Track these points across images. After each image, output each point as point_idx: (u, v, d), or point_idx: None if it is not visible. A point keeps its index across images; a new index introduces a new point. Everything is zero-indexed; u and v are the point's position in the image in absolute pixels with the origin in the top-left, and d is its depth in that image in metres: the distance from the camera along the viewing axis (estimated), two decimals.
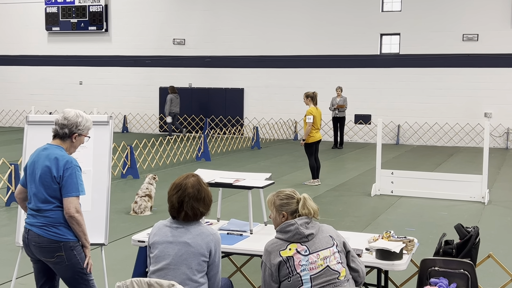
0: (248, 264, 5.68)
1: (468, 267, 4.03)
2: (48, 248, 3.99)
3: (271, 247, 3.77)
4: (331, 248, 3.73)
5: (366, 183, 11.72)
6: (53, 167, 4.00)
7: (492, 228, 8.46)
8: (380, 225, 8.39)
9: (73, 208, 3.98)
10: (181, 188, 3.79)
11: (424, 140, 20.76)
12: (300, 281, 3.64)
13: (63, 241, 4.00)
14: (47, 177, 4.00)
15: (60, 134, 4.15)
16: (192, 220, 3.78)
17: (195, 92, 23.56)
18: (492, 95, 19.89)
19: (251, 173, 5.61)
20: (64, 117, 4.15)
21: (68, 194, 3.98)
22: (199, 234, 3.75)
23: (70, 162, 4.04)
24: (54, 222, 4.00)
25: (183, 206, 3.75)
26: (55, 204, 4.01)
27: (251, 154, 17.31)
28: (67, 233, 4.02)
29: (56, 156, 4.03)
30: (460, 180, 10.59)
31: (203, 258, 3.71)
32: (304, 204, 3.84)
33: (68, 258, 4.01)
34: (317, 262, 3.67)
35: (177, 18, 23.57)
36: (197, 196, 3.77)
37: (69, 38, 25.18)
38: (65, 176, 3.99)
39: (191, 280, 3.67)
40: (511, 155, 17.70)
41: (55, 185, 4.00)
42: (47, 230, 3.99)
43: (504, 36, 19.66)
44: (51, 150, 4.10)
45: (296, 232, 3.71)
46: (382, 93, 21.07)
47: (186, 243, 3.71)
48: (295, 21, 21.97)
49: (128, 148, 12.60)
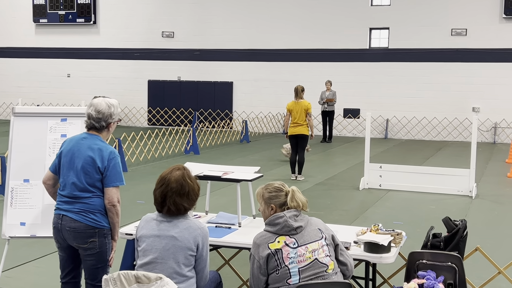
0: (236, 257, 5.67)
1: (455, 260, 4.04)
2: (84, 233, 4.07)
3: (259, 240, 3.76)
4: (320, 241, 3.73)
5: (355, 177, 11.75)
6: (97, 158, 4.08)
7: (480, 221, 8.51)
8: (369, 219, 8.41)
9: (116, 198, 4.12)
10: (164, 183, 3.75)
11: (413, 134, 20.84)
12: (288, 273, 3.64)
13: (98, 228, 4.10)
14: (90, 167, 4.07)
15: (97, 127, 4.20)
16: (176, 214, 3.76)
17: (184, 85, 23.48)
18: (480, 90, 20.00)
19: (240, 167, 5.59)
20: (97, 111, 4.18)
21: (112, 184, 4.09)
22: (187, 228, 3.72)
23: (113, 153, 4.14)
24: (92, 209, 4.09)
25: (166, 201, 3.73)
26: (93, 193, 4.09)
27: (240, 147, 17.29)
28: (103, 220, 4.13)
29: (99, 147, 4.11)
30: (448, 174, 10.64)
31: (190, 252, 3.68)
32: (292, 197, 3.83)
33: (100, 245, 4.12)
34: (305, 254, 3.67)
35: (165, 11, 23.46)
36: (180, 191, 3.71)
37: (57, 30, 24.99)
38: (110, 166, 4.09)
39: (178, 274, 3.65)
40: (498, 150, 17.82)
41: (98, 175, 4.08)
42: (85, 215, 4.07)
43: (492, 31, 19.75)
44: (92, 140, 4.15)
45: (285, 224, 3.70)
46: (371, 87, 21.11)
47: (173, 237, 3.68)
48: (285, 14, 21.93)
49: (116, 141, 12.54)
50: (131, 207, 9.08)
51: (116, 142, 12.47)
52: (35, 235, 5.06)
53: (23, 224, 5.04)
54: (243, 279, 5.46)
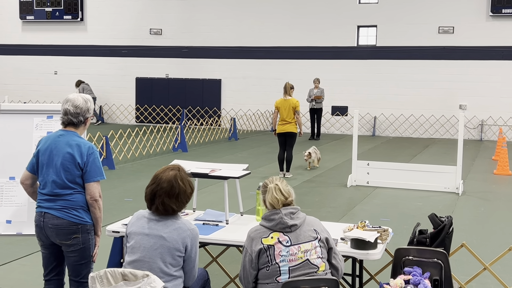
0: (224, 254, 5.67)
1: (441, 256, 4.07)
2: (67, 230, 4.08)
3: (254, 233, 3.76)
4: (313, 242, 3.72)
5: (343, 174, 11.78)
6: (76, 154, 4.08)
7: (466, 218, 8.58)
8: (356, 216, 8.44)
9: (97, 193, 4.14)
10: (156, 181, 3.75)
11: (400, 131, 20.93)
12: (278, 271, 3.64)
13: (81, 224, 4.11)
14: (69, 163, 4.07)
15: (75, 122, 4.20)
16: (165, 215, 3.75)
17: (172, 83, 23.42)
18: (467, 88, 20.12)
19: (228, 164, 5.59)
20: (75, 106, 4.17)
21: (93, 179, 4.11)
22: (176, 229, 3.70)
23: (92, 148, 4.15)
24: (74, 205, 4.10)
25: (155, 200, 3.72)
26: (74, 189, 4.10)
27: (228, 145, 17.28)
28: (86, 216, 4.14)
29: (78, 143, 4.11)
30: (435, 171, 10.71)
31: (178, 253, 3.67)
32: (267, 195, 3.83)
33: (83, 241, 4.13)
34: (297, 254, 3.66)
35: (153, 8, 23.37)
36: (170, 192, 3.70)
37: (44, 27, 24.81)
38: (89, 161, 4.09)
39: (165, 274, 3.64)
40: (485, 147, 17.94)
41: (78, 171, 4.08)
42: (67, 212, 4.08)
43: (479, 29, 19.87)
44: (69, 137, 4.14)
45: (280, 221, 3.70)
46: (359, 85, 21.17)
47: (161, 237, 3.67)
48: (273, 12, 21.93)
49: (103, 138, 12.49)
50: (119, 204, 9.06)
51: (103, 140, 12.42)
52: (21, 233, 5.03)
53: (9, 222, 5.01)
54: (231, 276, 5.46)
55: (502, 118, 19.88)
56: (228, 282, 5.48)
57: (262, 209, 4.94)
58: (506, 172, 12.53)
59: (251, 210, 7.73)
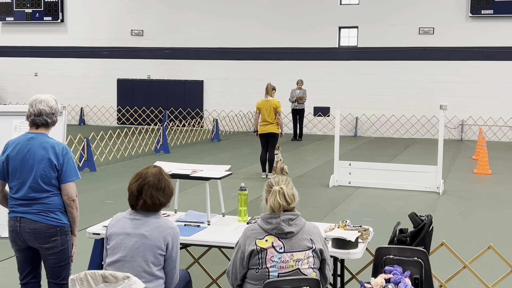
0: (206, 256, 5.65)
1: (421, 255, 4.09)
2: (46, 233, 4.04)
3: (250, 232, 3.70)
4: (307, 252, 3.66)
5: (325, 174, 11.83)
6: (52, 156, 4.03)
7: (446, 217, 8.65)
8: (338, 215, 8.47)
9: (74, 193, 4.11)
10: (141, 177, 3.76)
11: (382, 132, 21.06)
12: (267, 275, 3.61)
13: (60, 226, 4.09)
14: (45, 166, 4.02)
15: (49, 123, 4.16)
16: (151, 209, 3.74)
17: (153, 84, 23.33)
18: (447, 88, 20.32)
19: (210, 165, 5.57)
20: (50, 106, 4.13)
21: (69, 179, 4.08)
22: (157, 227, 3.71)
23: (66, 148, 4.11)
24: (52, 208, 4.06)
25: (142, 194, 3.72)
26: (50, 192, 4.06)
27: (210, 146, 17.25)
28: (63, 218, 4.11)
29: (52, 145, 4.07)
30: (416, 171, 10.79)
31: (160, 251, 3.67)
32: (273, 197, 3.72)
33: (62, 243, 4.11)
34: (289, 262, 3.62)
35: (134, 9, 23.27)
36: (157, 185, 3.73)
37: (24, 29, 24.58)
38: (64, 162, 4.05)
39: (147, 273, 3.63)
40: (465, 147, 18.12)
41: (54, 173, 4.04)
42: (45, 215, 4.04)
43: (459, 30, 20.08)
44: (41, 139, 4.08)
45: (277, 226, 3.64)
46: (341, 85, 21.28)
47: (143, 235, 3.67)
48: (255, 13, 21.95)
49: (84, 140, 12.40)
50: (100, 206, 9.00)
51: (84, 142, 12.33)
52: (0, 236, 4.97)
53: None
54: (213, 277, 5.45)
55: (482, 118, 20.10)
56: (210, 283, 5.46)
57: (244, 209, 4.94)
58: (486, 172, 12.66)
59: (233, 211, 7.72)
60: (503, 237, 7.57)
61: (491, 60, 19.84)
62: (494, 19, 19.75)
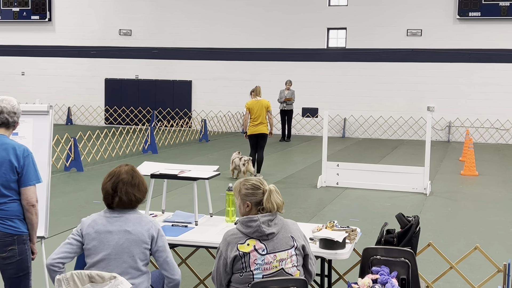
0: (193, 256, 5.64)
1: (408, 255, 4.11)
2: (2, 242, 3.87)
3: (230, 238, 3.66)
4: (290, 251, 3.64)
5: (313, 175, 11.85)
6: (12, 158, 3.87)
7: (433, 218, 8.69)
8: (326, 216, 8.49)
9: (35, 197, 3.93)
10: (114, 175, 3.75)
11: (369, 133, 21.14)
12: (251, 278, 3.59)
13: (17, 234, 3.91)
14: (5, 168, 3.86)
15: (10, 122, 4.01)
16: (128, 206, 3.73)
17: (142, 84, 23.26)
18: (434, 89, 20.43)
19: (198, 166, 5.56)
20: (12, 105, 4.01)
21: (30, 183, 3.91)
22: (139, 222, 3.70)
23: (27, 150, 3.95)
24: (10, 215, 3.89)
25: (117, 192, 3.70)
26: (10, 197, 3.89)
27: (199, 146, 17.22)
28: (21, 226, 3.94)
29: (12, 146, 3.91)
30: (403, 172, 10.84)
31: (145, 245, 3.66)
32: (268, 198, 3.71)
33: (20, 252, 3.93)
34: (272, 263, 3.60)
35: (123, 8, 23.18)
36: (131, 181, 3.72)
37: (11, 28, 24.40)
38: (25, 164, 3.89)
39: (133, 269, 3.62)
40: (452, 148, 18.22)
41: (14, 176, 3.87)
42: (2, 223, 3.87)
43: (447, 31, 20.20)
44: (1, 140, 3.93)
45: (257, 229, 3.60)
46: (329, 86, 21.33)
47: (126, 231, 3.65)
48: (243, 14, 21.95)
49: (71, 140, 12.32)
50: (87, 207, 8.95)
51: (71, 142, 12.26)
52: None
53: None
54: (200, 278, 5.44)
55: (469, 119, 20.23)
56: (197, 283, 5.45)
57: (232, 210, 4.93)
58: (472, 173, 12.74)
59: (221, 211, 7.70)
60: (489, 238, 7.62)
61: (478, 62, 19.97)
62: (481, 21, 19.89)
